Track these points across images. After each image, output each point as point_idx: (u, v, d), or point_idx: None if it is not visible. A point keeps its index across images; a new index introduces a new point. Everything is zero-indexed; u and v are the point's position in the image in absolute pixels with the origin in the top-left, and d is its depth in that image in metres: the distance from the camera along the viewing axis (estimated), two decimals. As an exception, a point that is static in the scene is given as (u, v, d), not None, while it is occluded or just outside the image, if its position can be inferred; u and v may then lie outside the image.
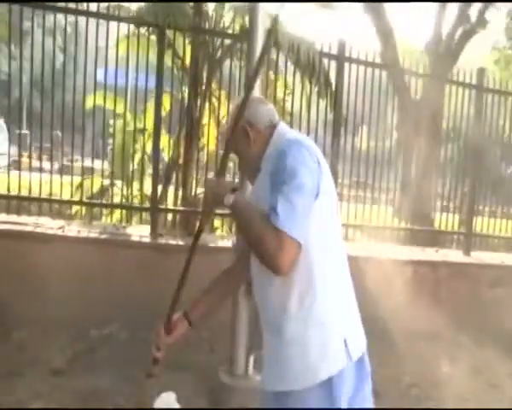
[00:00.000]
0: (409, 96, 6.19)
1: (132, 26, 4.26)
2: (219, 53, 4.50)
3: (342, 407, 1.47)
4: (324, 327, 1.48)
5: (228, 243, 4.22)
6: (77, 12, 4.02)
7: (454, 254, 5.15)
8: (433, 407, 3.42)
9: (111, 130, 5.36)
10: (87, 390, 3.13)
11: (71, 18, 4.17)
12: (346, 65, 4.54)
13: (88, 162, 4.50)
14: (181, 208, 4.41)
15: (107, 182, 4.80)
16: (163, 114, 5.84)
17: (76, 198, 4.37)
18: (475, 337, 4.42)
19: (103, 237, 3.87)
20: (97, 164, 4.53)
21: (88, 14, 4.01)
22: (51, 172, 4.32)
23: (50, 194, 4.30)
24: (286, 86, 4.69)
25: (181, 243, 4.01)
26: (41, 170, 4.15)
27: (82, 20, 4.06)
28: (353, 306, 1.58)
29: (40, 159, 4.28)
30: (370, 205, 5.30)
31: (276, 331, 1.50)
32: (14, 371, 3.19)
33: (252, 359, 3.04)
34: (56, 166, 4.70)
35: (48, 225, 4.06)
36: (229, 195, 1.44)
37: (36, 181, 4.21)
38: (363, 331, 1.59)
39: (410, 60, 5.39)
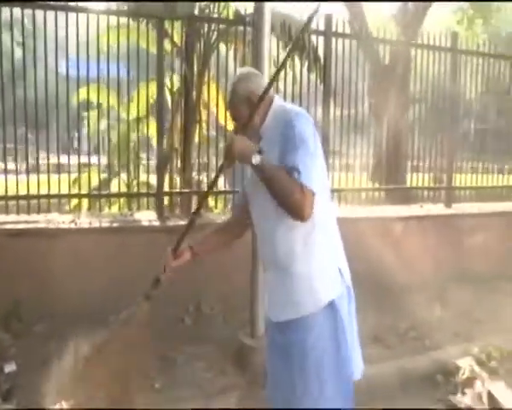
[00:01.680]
0: (379, 62, 6.46)
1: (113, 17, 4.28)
2: (214, 37, 4.68)
3: (345, 324, 1.85)
4: (324, 261, 1.86)
5: (218, 218, 4.51)
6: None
7: (437, 208, 5.56)
8: (429, 344, 3.86)
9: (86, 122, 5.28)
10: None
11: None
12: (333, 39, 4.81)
13: (73, 159, 4.48)
14: (186, 191, 4.66)
15: (104, 175, 4.98)
16: (151, 101, 6.02)
17: (74, 192, 4.55)
18: (461, 281, 4.88)
19: (115, 225, 4.10)
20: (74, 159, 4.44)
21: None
22: (27, 171, 4.26)
23: (49, 189, 4.29)
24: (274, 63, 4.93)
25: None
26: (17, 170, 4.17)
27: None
28: (341, 244, 1.95)
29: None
30: (346, 172, 5.46)
31: (284, 269, 1.85)
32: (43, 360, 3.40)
33: (269, 320, 3.36)
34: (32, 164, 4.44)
35: (58, 220, 4.25)
36: (257, 155, 1.73)
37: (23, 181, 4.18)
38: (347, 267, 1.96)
39: (379, 27, 5.63)
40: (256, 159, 1.72)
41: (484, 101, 6.49)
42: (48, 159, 4.20)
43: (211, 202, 5.03)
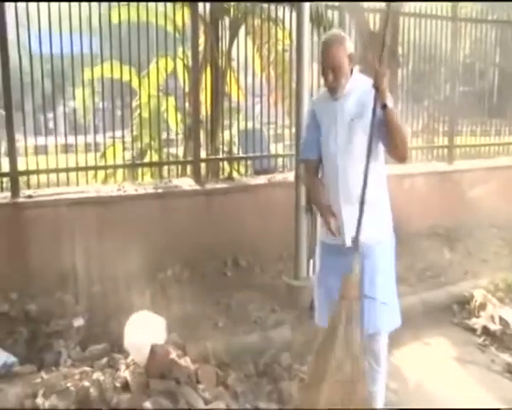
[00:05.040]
0: (369, 31, 6.83)
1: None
2: (238, 13, 5.06)
3: None
4: (385, 200, 2.47)
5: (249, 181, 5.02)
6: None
7: (440, 166, 6.12)
8: (444, 281, 4.43)
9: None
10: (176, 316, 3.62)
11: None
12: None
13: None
14: (222, 157, 5.11)
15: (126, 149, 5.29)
16: (164, 76, 6.35)
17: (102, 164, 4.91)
18: (465, 228, 5.48)
19: (160, 191, 4.52)
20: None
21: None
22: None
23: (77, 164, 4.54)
24: (287, 37, 5.34)
25: (225, 185, 4.77)
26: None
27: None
28: None
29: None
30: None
31: (368, 202, 2.33)
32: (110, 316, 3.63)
33: (311, 263, 3.88)
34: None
35: (103, 189, 4.62)
36: (389, 100, 2.26)
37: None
38: None
39: None
40: (389, 102, 2.24)
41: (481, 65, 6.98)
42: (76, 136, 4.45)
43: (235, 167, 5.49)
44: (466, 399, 2.88)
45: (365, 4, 5.79)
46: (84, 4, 4.33)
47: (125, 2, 4.62)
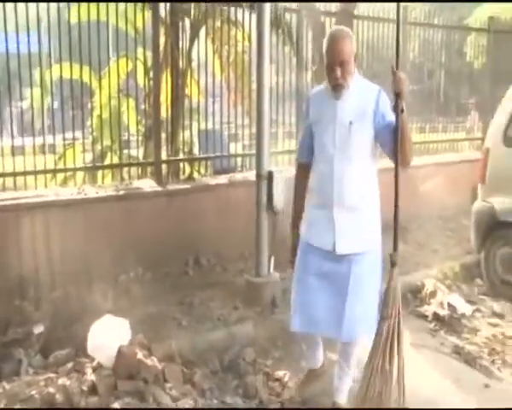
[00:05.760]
0: (324, 33, 7.05)
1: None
2: (199, 15, 5.12)
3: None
4: (377, 207, 2.44)
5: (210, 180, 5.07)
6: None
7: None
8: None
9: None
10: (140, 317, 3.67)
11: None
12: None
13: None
14: (183, 158, 5.15)
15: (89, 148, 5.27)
16: (123, 77, 6.30)
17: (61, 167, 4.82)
18: (417, 221, 5.79)
19: (122, 193, 4.52)
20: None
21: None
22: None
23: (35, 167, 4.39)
24: (246, 39, 5.45)
25: (186, 185, 4.84)
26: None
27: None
28: None
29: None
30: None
31: (356, 209, 2.37)
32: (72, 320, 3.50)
33: (272, 260, 4.01)
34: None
35: (63, 192, 4.57)
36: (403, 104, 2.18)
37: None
38: None
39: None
40: (403, 107, 2.18)
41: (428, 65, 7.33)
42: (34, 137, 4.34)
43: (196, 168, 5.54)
44: (423, 382, 3.03)
45: (321, 7, 5.97)
46: (42, 4, 4.26)
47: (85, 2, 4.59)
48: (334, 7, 6.12)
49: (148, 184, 4.79)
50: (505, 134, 4.42)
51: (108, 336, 2.92)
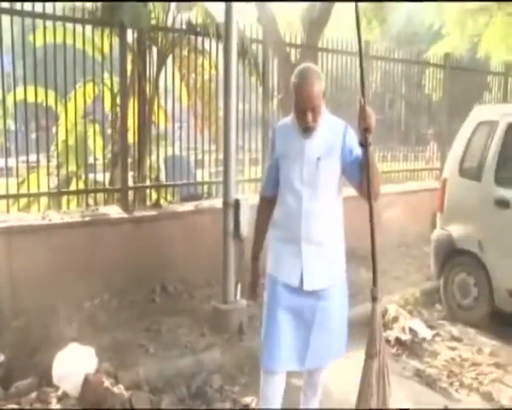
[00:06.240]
0: (290, 63, 7.27)
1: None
2: (166, 44, 5.21)
3: None
4: (342, 240, 2.47)
5: (177, 207, 5.09)
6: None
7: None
8: (361, 298, 4.79)
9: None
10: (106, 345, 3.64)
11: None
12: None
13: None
14: (150, 185, 5.16)
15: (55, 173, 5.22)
16: (88, 102, 6.29)
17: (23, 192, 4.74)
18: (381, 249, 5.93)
19: (88, 219, 4.49)
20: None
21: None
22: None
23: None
24: (213, 67, 5.58)
25: (153, 212, 4.84)
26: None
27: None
28: None
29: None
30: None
31: (324, 244, 2.35)
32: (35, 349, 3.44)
33: (239, 287, 4.04)
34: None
35: (27, 217, 4.50)
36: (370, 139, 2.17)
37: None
38: None
39: (289, 31, 6.44)
40: (370, 141, 2.17)
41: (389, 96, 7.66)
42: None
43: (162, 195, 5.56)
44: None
45: (287, 39, 6.19)
46: (6, 25, 4.25)
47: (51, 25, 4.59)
48: (299, 39, 6.35)
49: (114, 211, 4.78)
50: (461, 166, 4.66)
51: (74, 364, 2.89)
